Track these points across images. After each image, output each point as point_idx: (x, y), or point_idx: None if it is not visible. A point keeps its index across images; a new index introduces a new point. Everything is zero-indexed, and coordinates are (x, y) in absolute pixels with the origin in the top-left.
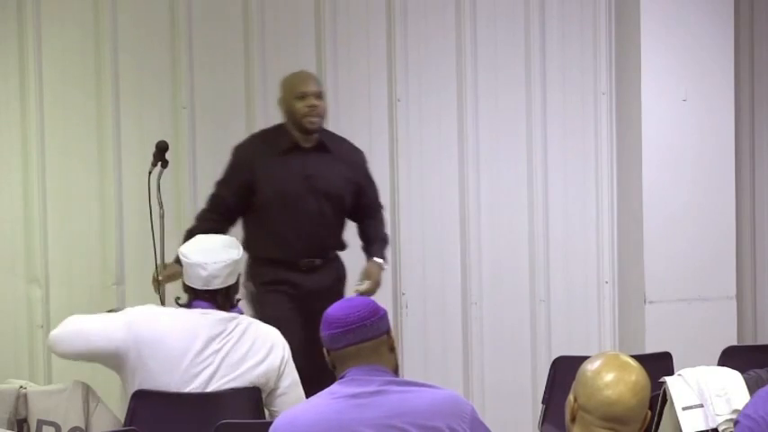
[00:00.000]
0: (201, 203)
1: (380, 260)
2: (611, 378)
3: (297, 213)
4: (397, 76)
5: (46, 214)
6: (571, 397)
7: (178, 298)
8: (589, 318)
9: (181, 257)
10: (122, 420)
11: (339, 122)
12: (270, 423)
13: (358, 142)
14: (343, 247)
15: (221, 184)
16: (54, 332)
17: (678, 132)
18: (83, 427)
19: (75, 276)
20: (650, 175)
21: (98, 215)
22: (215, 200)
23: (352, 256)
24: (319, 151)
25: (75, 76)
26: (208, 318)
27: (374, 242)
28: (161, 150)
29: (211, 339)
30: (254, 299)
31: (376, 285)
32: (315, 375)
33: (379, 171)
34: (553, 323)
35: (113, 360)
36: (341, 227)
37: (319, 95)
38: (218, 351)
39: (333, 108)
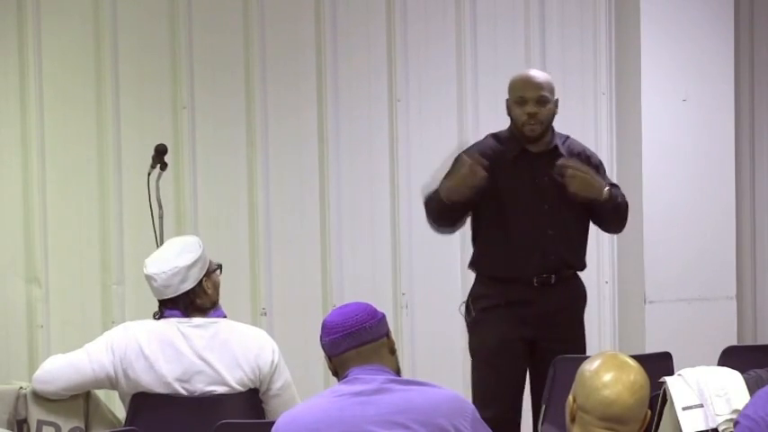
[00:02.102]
0: (201, 203)
1: (605, 184)
2: (609, 378)
3: (527, 224)
4: (397, 76)
5: (46, 214)
6: (570, 397)
7: (156, 313)
8: (589, 318)
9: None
10: (122, 420)
11: (339, 122)
12: (269, 423)
13: (358, 142)
14: (582, 265)
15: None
16: (38, 373)
17: (678, 132)
18: (83, 427)
19: (75, 276)
20: (650, 176)
21: (98, 215)
22: None
23: None
24: (551, 156)
25: (75, 75)
26: (184, 325)
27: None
28: (160, 153)
29: (194, 347)
30: (470, 327)
31: (585, 172)
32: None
33: (379, 171)
34: None
35: (106, 383)
36: (580, 241)
37: (541, 100)
38: (202, 358)
39: (333, 108)
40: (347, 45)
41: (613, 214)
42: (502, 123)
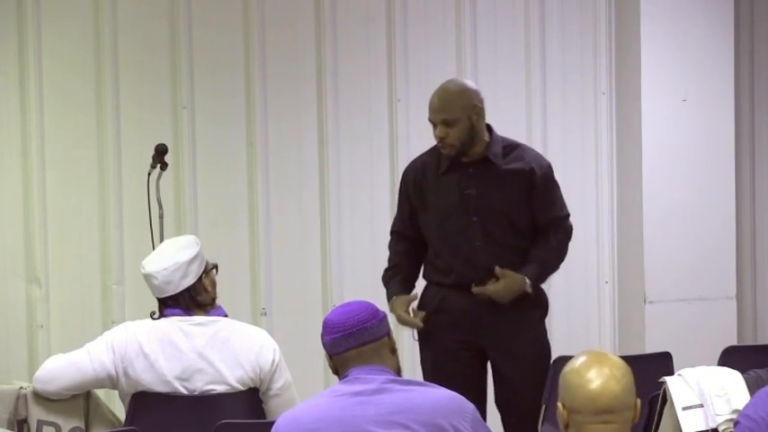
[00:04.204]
0: (201, 203)
1: (525, 277)
2: (591, 372)
3: (456, 235)
4: (397, 76)
5: (46, 214)
6: (559, 405)
7: (153, 312)
8: (589, 318)
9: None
10: (122, 420)
11: (339, 123)
12: (269, 423)
13: (358, 142)
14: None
15: (396, 214)
16: (39, 373)
17: (678, 132)
18: (83, 427)
19: (75, 276)
20: (650, 175)
21: (98, 215)
22: (394, 233)
23: None
24: (482, 165)
25: (75, 76)
26: (185, 323)
27: (528, 262)
28: (160, 153)
29: (194, 344)
30: (419, 331)
31: (500, 290)
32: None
33: (378, 171)
34: (553, 323)
35: (107, 383)
36: (519, 248)
37: (445, 122)
38: (203, 356)
39: (333, 108)
40: (347, 46)
41: (549, 274)
42: (502, 124)
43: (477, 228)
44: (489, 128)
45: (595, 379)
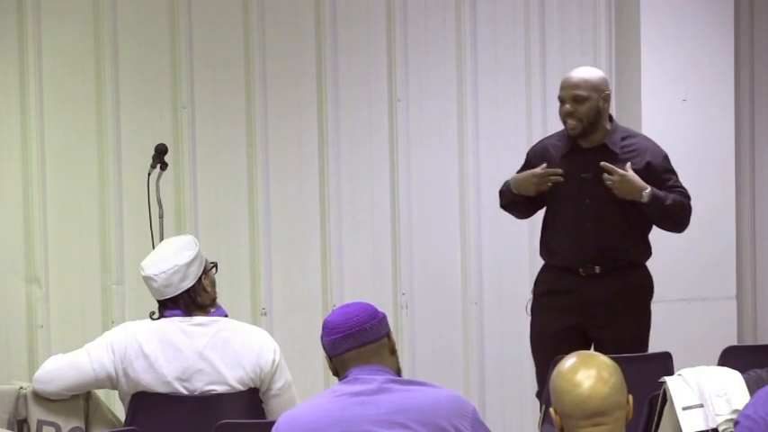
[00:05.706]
0: (201, 203)
1: (647, 187)
2: (578, 376)
3: (570, 216)
4: (397, 76)
5: (46, 214)
6: (551, 410)
7: (152, 313)
8: None
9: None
10: (122, 420)
11: (339, 122)
12: (269, 423)
13: (358, 142)
14: (635, 256)
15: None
16: (38, 374)
17: (678, 132)
18: (83, 427)
19: (75, 276)
20: None
21: (98, 215)
22: None
23: None
24: (601, 151)
25: (76, 75)
26: (185, 324)
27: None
28: (160, 153)
29: (195, 345)
30: (531, 310)
31: (622, 178)
32: None
33: (379, 171)
34: None
35: (107, 383)
36: (627, 234)
37: (576, 99)
38: (203, 356)
39: (333, 108)
40: (347, 45)
41: (662, 216)
42: (502, 123)
43: (589, 211)
44: (611, 117)
45: (582, 383)
